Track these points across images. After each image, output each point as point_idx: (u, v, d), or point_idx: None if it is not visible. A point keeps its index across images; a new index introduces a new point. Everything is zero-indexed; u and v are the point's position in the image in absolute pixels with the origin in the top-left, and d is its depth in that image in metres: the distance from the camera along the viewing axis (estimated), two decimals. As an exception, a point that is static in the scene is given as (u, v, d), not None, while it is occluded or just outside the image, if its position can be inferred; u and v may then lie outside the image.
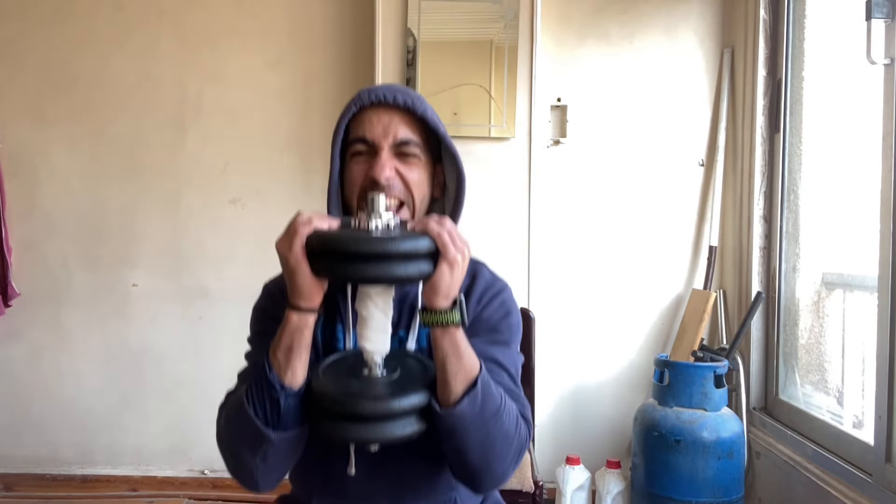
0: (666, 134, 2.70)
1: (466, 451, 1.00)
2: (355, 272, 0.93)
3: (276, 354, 0.99)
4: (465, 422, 0.98)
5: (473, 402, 0.98)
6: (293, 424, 1.00)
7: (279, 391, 0.98)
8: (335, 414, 0.97)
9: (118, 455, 2.79)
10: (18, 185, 2.75)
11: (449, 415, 0.98)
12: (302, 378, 1.00)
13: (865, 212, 1.94)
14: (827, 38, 2.28)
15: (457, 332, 0.98)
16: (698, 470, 2.20)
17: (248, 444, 1.01)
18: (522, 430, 1.06)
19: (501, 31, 2.56)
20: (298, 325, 0.98)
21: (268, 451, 1.00)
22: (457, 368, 0.98)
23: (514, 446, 1.04)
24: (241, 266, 2.74)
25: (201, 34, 2.74)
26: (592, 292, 2.71)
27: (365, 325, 1.00)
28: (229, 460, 1.06)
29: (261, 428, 0.99)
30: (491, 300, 1.15)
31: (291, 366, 0.99)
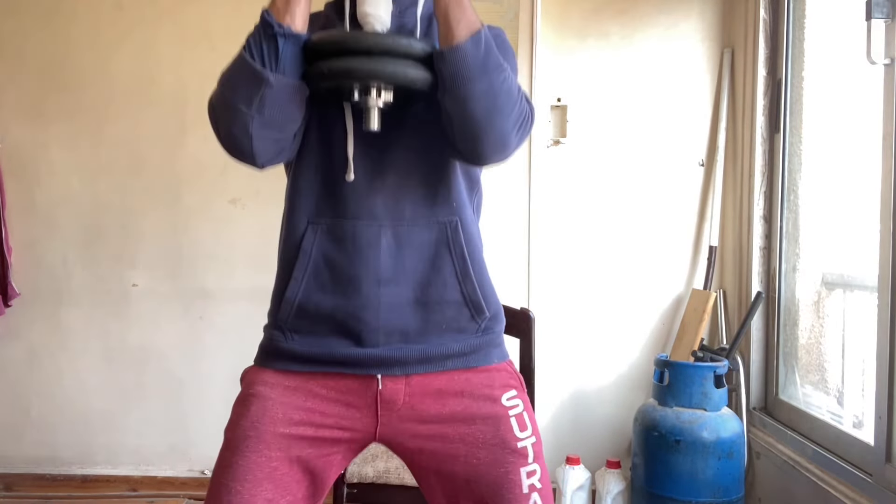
0: (666, 134, 2.70)
1: (470, 99, 0.99)
2: None
3: (274, 1, 1.00)
4: (468, 63, 0.97)
5: (477, 45, 0.98)
6: (291, 72, 0.99)
7: (278, 32, 0.98)
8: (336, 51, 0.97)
9: (118, 455, 2.79)
10: (18, 185, 2.75)
11: (452, 53, 0.97)
12: (301, 24, 1.00)
13: (865, 212, 1.94)
14: (827, 38, 2.28)
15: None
16: (698, 470, 2.20)
17: (245, 89, 0.99)
18: (525, 102, 1.05)
19: (501, 31, 2.56)
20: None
21: (265, 97, 0.98)
22: (459, 16, 0.99)
23: (518, 108, 1.03)
24: (241, 266, 2.74)
25: (201, 34, 2.74)
26: (592, 292, 2.71)
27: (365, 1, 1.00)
28: (223, 119, 1.03)
29: (258, 69, 0.98)
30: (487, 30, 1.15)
31: (290, 10, 0.99)
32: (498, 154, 1.05)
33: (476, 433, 1.10)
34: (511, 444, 1.10)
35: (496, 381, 1.14)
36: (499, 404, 1.12)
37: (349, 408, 1.09)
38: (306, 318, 1.10)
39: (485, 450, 1.09)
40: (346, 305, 1.07)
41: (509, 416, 1.11)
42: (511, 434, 1.10)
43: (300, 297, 1.09)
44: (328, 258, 1.09)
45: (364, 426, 1.10)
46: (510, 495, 1.07)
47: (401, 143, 1.08)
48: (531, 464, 1.10)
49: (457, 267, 1.10)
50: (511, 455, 1.09)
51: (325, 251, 1.09)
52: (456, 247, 1.10)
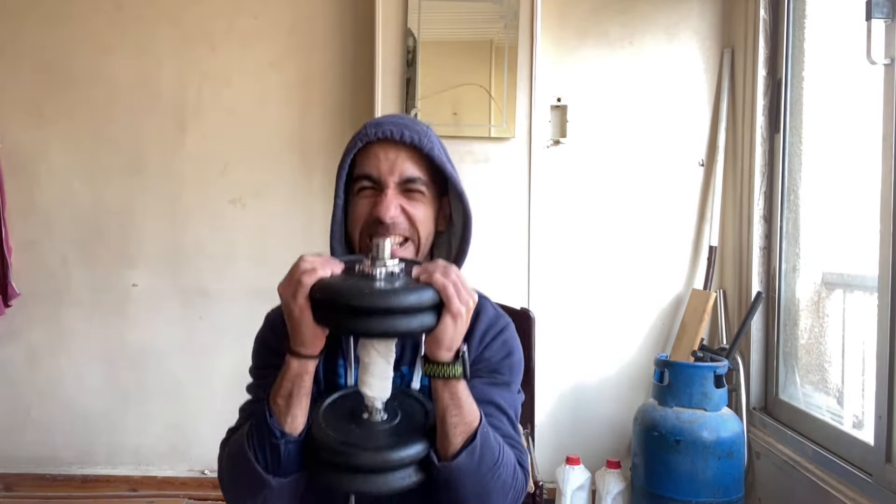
0: (666, 134, 2.70)
1: (462, 500, 1.00)
2: (358, 327, 0.93)
3: (276, 400, 0.99)
4: (462, 475, 0.98)
5: (472, 456, 0.98)
6: (293, 470, 1.01)
7: (279, 438, 0.98)
8: (334, 464, 0.98)
9: (118, 455, 2.79)
10: (18, 185, 2.75)
11: (447, 468, 0.98)
12: (302, 424, 1.00)
13: (865, 212, 1.94)
14: (827, 38, 2.28)
15: (458, 384, 0.97)
16: (698, 470, 2.20)
17: (249, 488, 1.01)
18: (519, 480, 1.06)
19: (501, 31, 2.56)
20: (299, 371, 0.98)
21: (268, 496, 1.01)
22: (457, 421, 0.98)
23: (511, 497, 1.04)
24: (241, 266, 2.74)
25: (201, 34, 2.74)
26: (592, 292, 2.71)
27: (366, 371, 0.99)
28: (230, 501, 1.07)
29: (261, 473, 0.99)
30: (493, 340, 1.14)
31: (291, 412, 0.99)
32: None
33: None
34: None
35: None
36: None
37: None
38: None
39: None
40: None
41: None
42: None
43: None
44: None
45: None
46: None
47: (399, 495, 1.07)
48: None
49: None
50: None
51: None
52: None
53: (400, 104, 2.57)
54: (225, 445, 1.09)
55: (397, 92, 2.58)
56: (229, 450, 1.06)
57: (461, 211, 1.16)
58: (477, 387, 1.04)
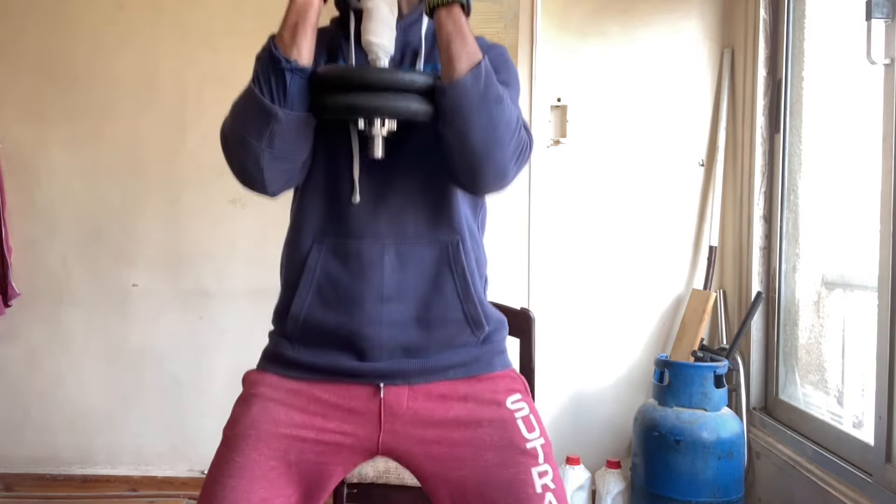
0: (666, 134, 2.70)
1: (469, 132, 1.00)
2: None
3: (281, 34, 1.03)
4: (468, 97, 0.99)
5: (477, 79, 1.00)
6: (299, 106, 1.02)
7: (285, 67, 1.00)
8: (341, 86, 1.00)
9: (118, 455, 2.79)
10: (18, 185, 2.75)
11: (453, 87, 0.99)
12: (307, 57, 1.02)
13: (865, 212, 1.94)
14: (827, 38, 2.28)
15: (460, 14, 1.02)
16: (698, 470, 2.20)
17: (255, 124, 1.01)
18: (523, 132, 1.07)
19: (501, 31, 2.56)
20: (304, 3, 1.03)
21: (274, 132, 1.01)
22: (460, 49, 1.01)
23: (516, 139, 1.05)
24: (241, 266, 2.74)
25: (201, 34, 2.74)
26: (592, 292, 2.71)
27: (370, 17, 1.03)
28: (235, 152, 1.06)
29: (267, 104, 1.00)
30: (488, 50, 1.14)
31: (297, 43, 1.02)
32: (496, 184, 1.07)
33: (483, 436, 1.09)
34: (519, 444, 1.09)
35: (500, 386, 1.14)
36: (504, 408, 1.12)
37: (351, 413, 1.10)
38: (311, 333, 1.11)
39: (492, 451, 1.09)
40: (349, 322, 1.09)
41: (515, 419, 1.11)
42: (519, 435, 1.10)
43: (305, 313, 1.10)
44: (332, 276, 1.10)
45: (367, 433, 1.10)
46: (523, 495, 1.06)
47: (404, 166, 1.10)
48: (542, 464, 1.09)
49: (458, 286, 1.11)
50: (521, 455, 1.08)
51: (330, 269, 1.10)
52: (457, 266, 1.12)
53: (400, 104, 2.57)
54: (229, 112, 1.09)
55: (397, 92, 2.57)
56: (233, 104, 1.07)
57: None
58: None
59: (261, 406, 1.09)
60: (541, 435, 1.11)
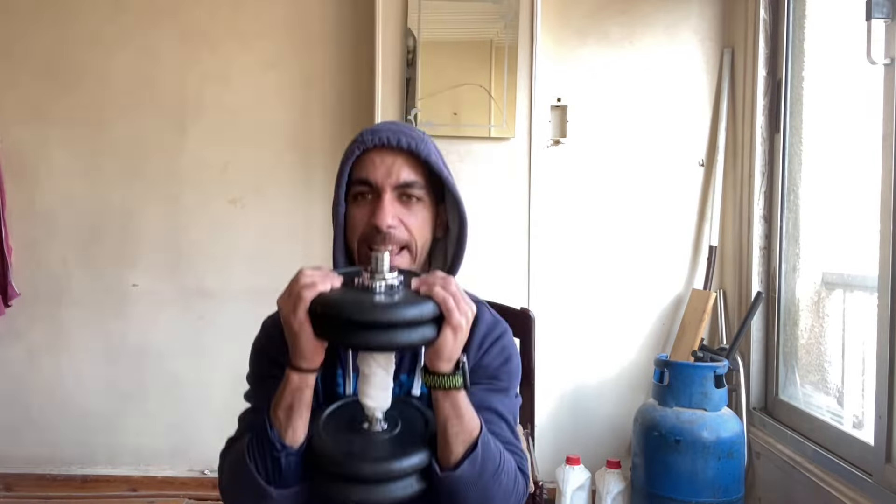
0: (666, 134, 2.70)
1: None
2: (359, 340, 0.93)
3: (276, 413, 0.99)
4: (464, 484, 0.99)
5: (473, 464, 0.99)
6: (294, 481, 1.01)
7: (280, 450, 0.99)
8: (335, 475, 0.98)
9: (118, 455, 2.79)
10: (18, 185, 2.75)
11: (449, 478, 0.98)
12: (302, 436, 1.00)
13: (865, 212, 1.94)
14: (827, 38, 2.28)
15: (458, 394, 0.98)
16: (698, 470, 2.20)
17: (251, 498, 1.02)
18: (521, 485, 1.07)
19: (501, 31, 2.56)
20: (299, 385, 0.98)
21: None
22: (458, 430, 0.98)
23: (513, 501, 1.05)
24: (241, 266, 2.74)
25: (201, 34, 2.74)
26: (592, 292, 2.71)
27: (366, 381, 1.00)
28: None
29: (262, 484, 1.00)
30: (491, 346, 1.14)
31: (292, 424, 0.99)
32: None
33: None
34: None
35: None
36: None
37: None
38: None
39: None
40: None
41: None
42: None
43: None
44: None
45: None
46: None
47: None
48: None
49: None
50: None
51: None
52: None
53: (400, 104, 2.57)
54: (225, 455, 1.09)
55: (397, 92, 2.58)
56: (230, 459, 1.07)
57: (457, 217, 1.17)
58: (476, 394, 1.04)
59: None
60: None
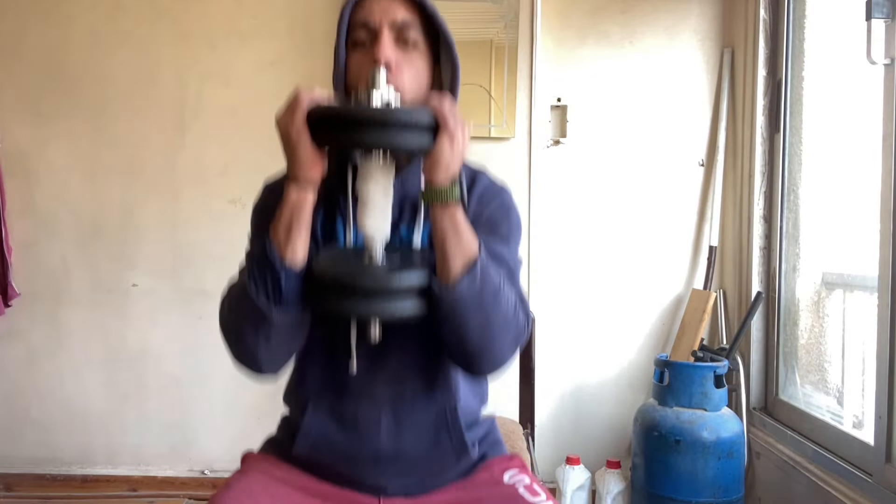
0: (666, 134, 2.70)
1: (465, 333, 1.01)
2: (356, 139, 0.95)
3: (276, 232, 1.01)
4: (464, 302, 0.99)
5: (473, 282, 0.99)
6: (295, 304, 1.01)
7: (280, 268, 1.00)
8: (336, 289, 0.98)
9: (118, 455, 2.79)
10: (18, 185, 2.75)
11: (448, 294, 0.98)
12: (302, 256, 1.01)
13: (865, 212, 1.94)
14: (827, 38, 2.28)
15: (457, 210, 1.00)
16: (698, 470, 2.20)
17: (251, 323, 1.02)
18: (521, 317, 1.07)
19: (501, 31, 2.56)
20: (298, 201, 1.00)
21: (270, 331, 1.01)
22: (456, 247, 0.99)
23: (513, 330, 1.05)
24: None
25: (201, 34, 2.74)
26: (592, 292, 2.71)
27: (365, 207, 1.00)
28: (232, 343, 1.07)
29: (263, 306, 1.00)
30: (491, 199, 1.15)
31: (292, 243, 1.00)
32: (493, 371, 1.08)
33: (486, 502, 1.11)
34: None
35: (495, 469, 1.17)
36: (502, 484, 1.14)
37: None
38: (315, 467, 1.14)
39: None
40: (348, 474, 1.12)
41: (517, 489, 1.12)
42: (524, 500, 1.10)
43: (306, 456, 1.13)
44: (328, 438, 1.12)
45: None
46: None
47: (402, 335, 1.10)
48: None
49: (455, 446, 1.13)
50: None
51: (326, 431, 1.12)
52: (454, 430, 1.13)
53: (400, 104, 2.57)
54: (227, 295, 1.09)
55: (397, 92, 2.57)
56: (231, 293, 1.07)
57: (450, 66, 1.17)
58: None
59: (261, 478, 1.10)
60: (548, 498, 1.11)
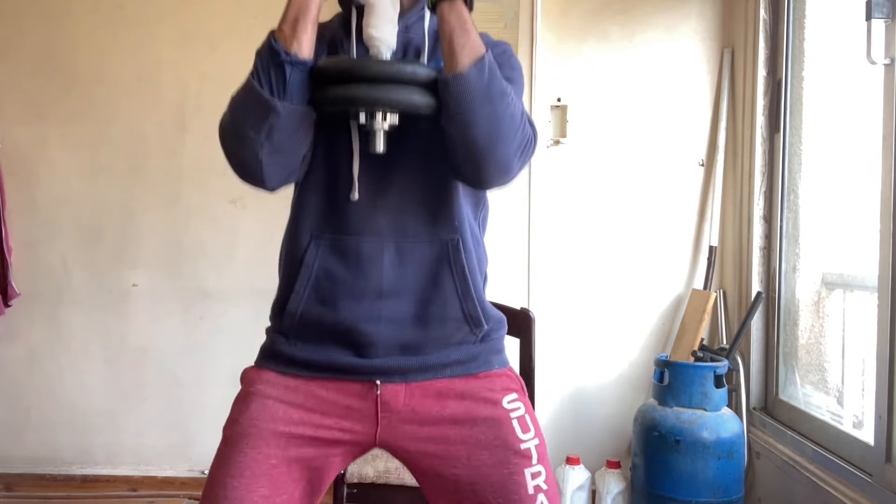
0: (666, 134, 2.70)
1: (472, 126, 1.00)
2: None
3: (281, 27, 1.02)
4: (471, 90, 0.98)
5: (481, 72, 0.99)
6: (299, 99, 1.01)
7: (285, 59, 1.00)
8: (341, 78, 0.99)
9: (118, 455, 2.79)
10: (18, 185, 2.75)
11: (456, 80, 0.98)
12: (308, 51, 1.01)
13: (865, 212, 1.94)
14: (827, 38, 2.28)
15: (463, 7, 1.00)
16: (698, 470, 2.20)
17: (254, 117, 1.01)
18: (528, 128, 1.06)
19: (501, 31, 2.56)
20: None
21: (273, 125, 1.00)
22: (463, 41, 0.99)
23: (520, 134, 1.04)
24: (241, 266, 2.74)
25: (201, 34, 2.74)
26: (592, 292, 2.71)
27: (371, 11, 1.01)
28: (233, 148, 1.06)
29: (266, 97, 0.99)
30: (493, 46, 1.14)
31: (297, 37, 1.01)
32: (500, 179, 1.07)
33: (478, 435, 1.10)
34: (514, 445, 1.10)
35: (497, 384, 1.15)
36: (500, 407, 1.12)
37: (349, 410, 1.10)
38: (308, 329, 1.11)
39: (487, 451, 1.09)
40: (347, 318, 1.09)
41: (511, 419, 1.12)
42: (514, 436, 1.10)
43: (302, 310, 1.10)
44: (330, 272, 1.10)
45: (364, 428, 1.11)
46: (515, 496, 1.08)
47: (404, 162, 1.10)
48: (535, 465, 1.10)
49: (457, 284, 1.12)
50: (514, 456, 1.09)
51: (327, 265, 1.10)
52: (457, 265, 1.12)
53: (400, 104, 2.57)
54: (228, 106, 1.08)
55: (397, 92, 2.57)
56: (231, 100, 1.06)
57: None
58: None
59: (259, 404, 1.09)
60: (535, 435, 1.12)
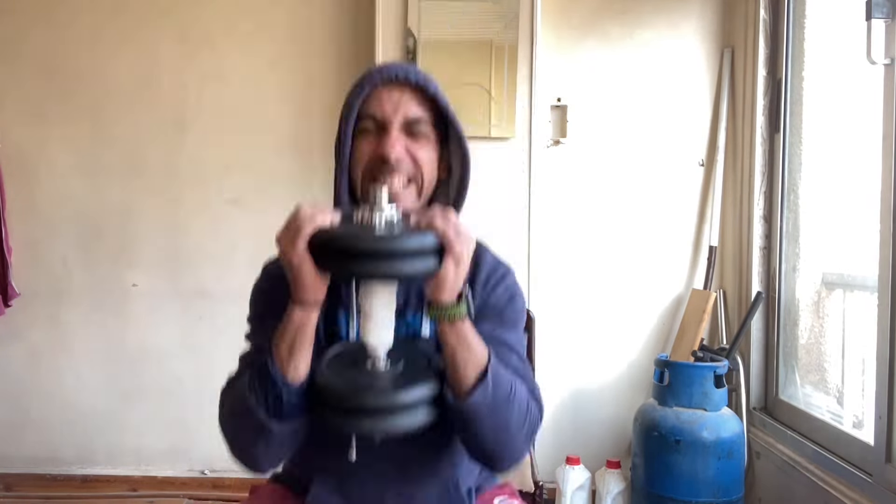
0: (666, 134, 2.70)
1: (481, 438, 1.03)
2: (360, 270, 0.93)
3: (278, 349, 0.99)
4: (478, 411, 0.99)
5: (485, 391, 0.99)
6: (295, 416, 1.01)
7: (281, 386, 0.98)
8: (340, 407, 0.97)
9: (118, 455, 2.79)
10: (18, 185, 2.75)
11: (462, 406, 0.99)
12: (304, 372, 1.00)
13: (865, 212, 1.94)
14: (827, 38, 2.28)
15: (463, 324, 0.99)
16: (698, 470, 2.20)
17: (251, 433, 1.02)
18: (534, 411, 1.07)
19: (501, 31, 2.56)
20: (302, 320, 0.97)
21: (270, 441, 1.01)
22: (466, 359, 0.99)
23: (527, 427, 1.06)
24: (241, 266, 2.74)
25: (201, 34, 2.74)
26: (592, 292, 2.71)
27: (368, 319, 0.99)
28: (232, 446, 1.07)
29: (263, 419, 0.99)
30: (496, 286, 1.16)
31: (294, 361, 0.99)
32: (512, 465, 1.10)
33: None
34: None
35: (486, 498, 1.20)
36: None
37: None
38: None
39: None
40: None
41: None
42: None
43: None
44: None
45: None
46: None
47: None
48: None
49: None
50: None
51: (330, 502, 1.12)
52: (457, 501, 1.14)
53: (400, 104, 2.57)
54: (226, 393, 1.09)
55: (397, 92, 2.57)
56: (231, 397, 1.07)
57: (460, 158, 1.18)
58: (484, 329, 1.05)
59: None
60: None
